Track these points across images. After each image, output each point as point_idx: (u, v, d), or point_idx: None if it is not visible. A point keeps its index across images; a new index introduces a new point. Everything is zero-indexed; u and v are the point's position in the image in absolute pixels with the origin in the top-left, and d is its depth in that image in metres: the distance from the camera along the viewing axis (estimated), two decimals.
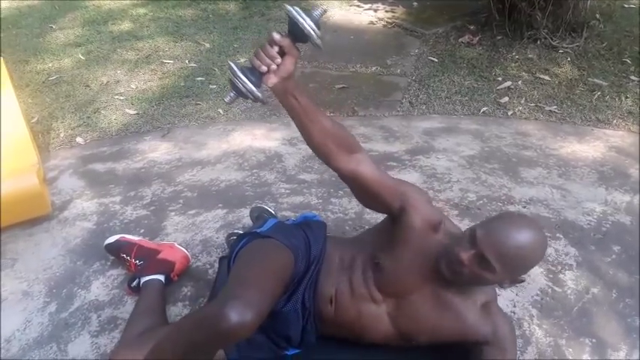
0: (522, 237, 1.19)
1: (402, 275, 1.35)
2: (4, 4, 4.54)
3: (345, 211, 2.08)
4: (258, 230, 1.51)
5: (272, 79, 1.13)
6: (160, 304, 1.62)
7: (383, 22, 3.90)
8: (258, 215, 1.95)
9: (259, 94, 1.14)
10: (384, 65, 3.31)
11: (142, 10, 4.28)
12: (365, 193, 1.35)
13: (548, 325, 1.60)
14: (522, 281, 1.30)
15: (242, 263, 1.35)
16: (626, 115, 2.67)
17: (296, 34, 1.11)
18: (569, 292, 1.72)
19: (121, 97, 3.03)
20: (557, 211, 2.07)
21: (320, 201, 2.15)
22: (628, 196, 2.13)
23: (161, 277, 1.69)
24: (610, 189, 2.18)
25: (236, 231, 1.85)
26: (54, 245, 1.96)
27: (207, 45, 3.66)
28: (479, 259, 1.20)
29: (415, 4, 4.13)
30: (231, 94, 1.17)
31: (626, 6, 3.70)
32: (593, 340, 1.56)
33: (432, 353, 1.41)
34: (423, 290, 1.35)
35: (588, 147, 2.46)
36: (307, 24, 1.09)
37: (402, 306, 1.37)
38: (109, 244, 1.80)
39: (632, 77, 2.95)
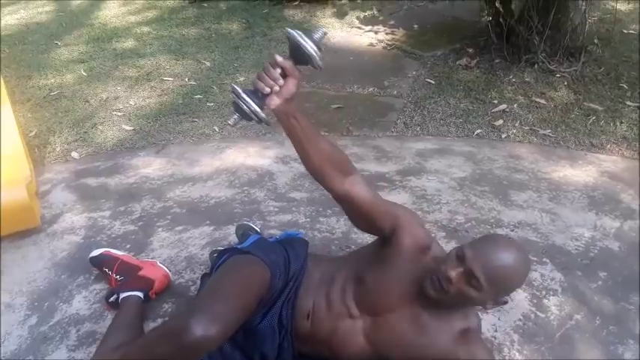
0: (510, 257, 1.21)
1: (384, 292, 1.34)
2: (12, 21, 4.65)
3: (332, 231, 2.08)
4: (239, 246, 1.51)
5: (275, 101, 1.16)
6: (136, 320, 1.62)
7: (383, 44, 3.94)
8: (244, 233, 1.95)
9: (264, 115, 1.16)
10: (381, 86, 3.33)
11: (146, 29, 4.37)
12: (357, 215, 1.36)
13: (529, 351, 1.58)
14: (505, 302, 1.30)
15: (215, 277, 1.35)
16: (620, 140, 2.66)
17: (298, 56, 1.13)
18: (552, 317, 1.69)
19: (119, 113, 3.07)
20: (545, 235, 2.05)
21: (308, 220, 2.15)
22: (618, 222, 2.11)
23: (140, 294, 1.69)
24: (600, 214, 2.16)
25: (219, 248, 1.85)
26: (40, 258, 1.97)
27: (208, 63, 3.71)
28: (467, 277, 1.21)
29: (415, 26, 4.17)
30: (235, 117, 1.18)
31: (625, 31, 3.71)
32: None
33: None
34: (401, 310, 1.34)
35: (580, 171, 2.45)
36: (309, 46, 1.11)
37: (379, 324, 1.36)
38: (93, 257, 1.81)
39: (628, 102, 2.95)
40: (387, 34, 4.11)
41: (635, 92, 3.03)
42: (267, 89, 1.14)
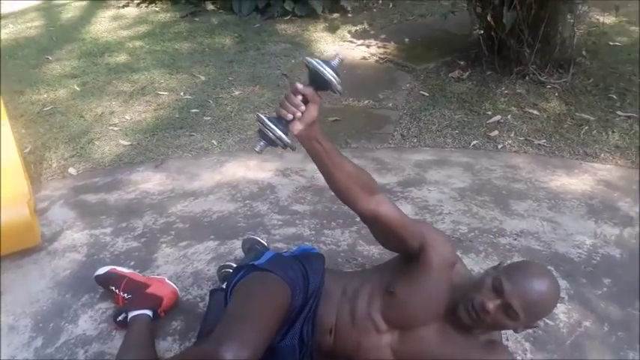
0: (545, 286, 1.25)
1: (414, 306, 1.37)
2: (1, 36, 4.60)
3: (338, 243, 2.08)
4: (256, 263, 1.50)
5: (298, 126, 1.17)
6: (148, 339, 1.60)
7: (375, 58, 3.98)
8: (250, 247, 1.95)
9: (289, 141, 1.18)
10: (376, 99, 3.37)
11: (138, 43, 4.36)
12: (385, 234, 1.38)
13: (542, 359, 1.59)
14: (536, 327, 1.37)
15: (238, 298, 1.35)
16: (613, 149, 2.71)
17: (318, 82, 1.17)
18: (561, 325, 1.71)
19: (115, 128, 3.05)
20: (547, 243, 2.08)
21: (312, 232, 2.15)
22: (617, 229, 2.14)
23: (149, 312, 1.67)
24: (599, 222, 2.20)
25: (229, 263, 1.84)
26: (42, 277, 1.94)
27: (203, 77, 3.71)
28: (505, 309, 1.24)
29: (407, 40, 4.23)
30: (261, 144, 1.20)
31: (611, 44, 3.81)
32: None
33: None
34: (429, 325, 1.37)
35: (577, 180, 2.49)
36: (329, 73, 1.14)
37: (406, 338, 1.38)
38: (99, 275, 1.79)
39: (619, 112, 3.01)
40: (378, 47, 4.16)
41: (625, 102, 3.10)
42: (290, 116, 1.16)
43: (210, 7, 5.19)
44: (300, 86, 1.17)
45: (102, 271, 1.79)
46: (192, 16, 5.01)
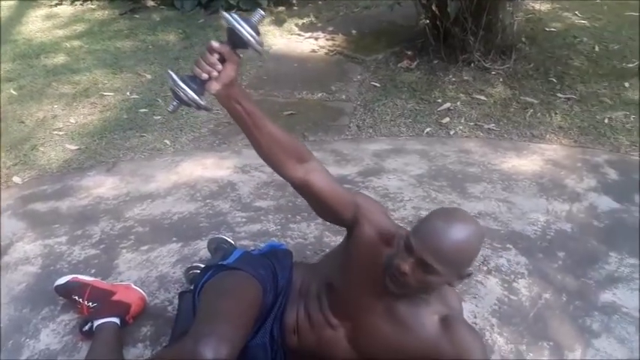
0: (457, 232, 1.17)
1: (354, 294, 1.33)
2: None
3: (305, 236, 2.08)
4: (225, 262, 1.48)
5: (214, 86, 1.12)
6: (115, 346, 1.55)
7: (324, 50, 3.99)
8: (217, 246, 1.92)
9: (202, 102, 1.13)
10: (329, 91, 3.38)
11: (76, 43, 4.16)
12: (317, 203, 1.31)
13: (508, 333, 1.67)
14: (470, 274, 1.27)
15: (211, 297, 1.32)
16: (557, 129, 2.86)
17: (235, 40, 1.11)
18: (523, 299, 1.79)
19: (60, 133, 2.90)
20: (505, 223, 2.17)
21: (278, 227, 2.14)
22: (567, 205, 2.26)
23: (116, 320, 1.61)
24: (550, 199, 2.31)
25: (196, 264, 1.81)
26: None
27: (149, 76, 3.60)
28: (420, 266, 1.18)
29: (354, 32, 4.26)
30: (174, 103, 1.15)
31: (547, 30, 3.99)
32: (551, 343, 1.63)
33: None
34: (375, 307, 1.32)
35: (527, 161, 2.61)
36: (246, 30, 1.08)
37: (358, 327, 1.35)
38: (59, 285, 1.71)
39: (559, 95, 3.17)
40: (327, 40, 4.17)
41: (564, 85, 3.27)
42: (205, 75, 1.11)
43: (150, 3, 5.02)
44: (215, 44, 1.10)
45: (62, 280, 1.71)
46: (131, 13, 4.83)
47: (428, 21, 3.62)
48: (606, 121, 2.89)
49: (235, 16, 1.09)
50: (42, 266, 1.94)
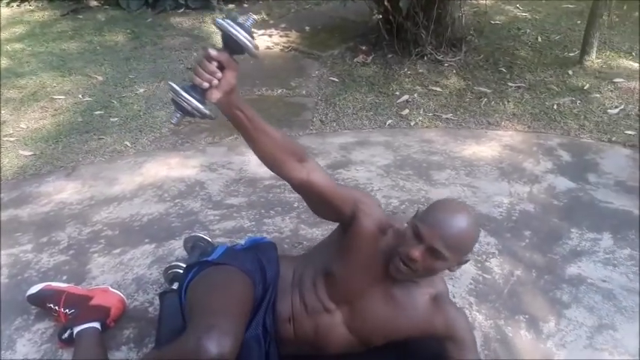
0: (462, 220, 1.26)
1: (352, 278, 1.37)
2: None
3: (281, 230, 2.09)
4: (209, 259, 1.46)
5: (215, 95, 1.11)
6: (99, 352, 1.50)
7: (280, 47, 3.99)
8: (194, 244, 1.89)
9: (206, 111, 1.11)
10: (289, 87, 3.39)
11: (17, 46, 3.96)
12: (317, 201, 1.35)
13: (486, 310, 1.74)
14: (467, 261, 1.36)
15: (203, 293, 1.30)
16: (511, 117, 3.00)
17: (232, 46, 1.10)
18: (497, 277, 1.88)
19: (12, 139, 2.76)
20: (471, 207, 2.25)
21: (253, 223, 2.13)
22: (527, 187, 2.39)
23: (96, 325, 1.56)
24: (512, 182, 2.43)
25: (175, 263, 1.77)
26: None
27: (100, 78, 3.48)
28: (429, 252, 1.25)
29: (307, 28, 4.29)
30: (178, 115, 1.13)
31: (492, 22, 4.17)
32: (526, 316, 1.72)
33: (398, 355, 1.46)
34: (372, 292, 1.38)
35: (486, 147, 2.72)
36: (242, 36, 1.07)
37: (355, 311, 1.39)
38: (31, 294, 1.63)
39: (510, 84, 3.33)
40: (281, 36, 4.17)
41: (513, 74, 3.43)
42: (206, 84, 1.10)
43: (93, 3, 4.85)
44: (213, 52, 1.09)
45: (34, 289, 1.63)
46: (74, 14, 4.65)
47: (380, 16, 3.70)
48: (555, 107, 3.06)
49: (229, 21, 1.08)
50: (9, 276, 1.84)
